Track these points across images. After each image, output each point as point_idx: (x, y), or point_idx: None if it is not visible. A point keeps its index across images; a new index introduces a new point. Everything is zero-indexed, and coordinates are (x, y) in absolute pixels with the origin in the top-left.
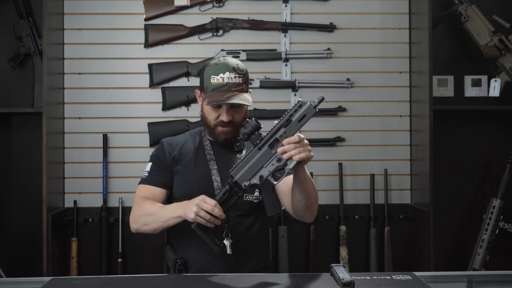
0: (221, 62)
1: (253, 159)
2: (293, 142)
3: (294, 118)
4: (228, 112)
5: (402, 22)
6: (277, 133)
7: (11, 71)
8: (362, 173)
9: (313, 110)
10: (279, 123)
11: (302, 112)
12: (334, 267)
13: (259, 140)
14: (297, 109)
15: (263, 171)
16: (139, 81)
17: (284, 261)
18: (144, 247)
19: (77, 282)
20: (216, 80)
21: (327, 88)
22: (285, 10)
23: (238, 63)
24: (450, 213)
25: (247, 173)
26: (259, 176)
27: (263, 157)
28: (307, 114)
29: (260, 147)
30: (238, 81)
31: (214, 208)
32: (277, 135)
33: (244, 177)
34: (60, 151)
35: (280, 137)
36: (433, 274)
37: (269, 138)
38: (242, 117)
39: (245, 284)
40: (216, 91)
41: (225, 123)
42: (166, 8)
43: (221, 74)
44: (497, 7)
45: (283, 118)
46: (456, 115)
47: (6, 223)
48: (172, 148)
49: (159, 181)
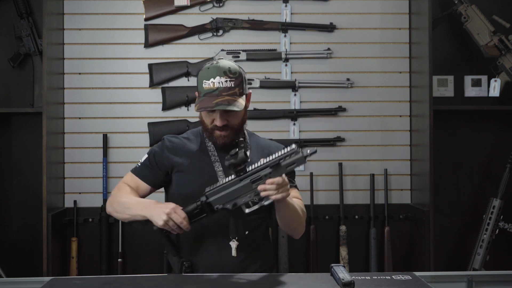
0: (213, 66)
1: (232, 187)
2: (276, 183)
3: (283, 163)
4: (221, 117)
5: (402, 22)
6: (263, 171)
7: (11, 71)
8: (362, 173)
9: (303, 161)
10: (268, 163)
11: (293, 160)
12: (334, 267)
13: (243, 172)
14: (290, 156)
15: (238, 200)
16: (139, 81)
17: (284, 261)
18: (144, 247)
19: (77, 282)
20: (207, 85)
21: (327, 88)
22: (285, 10)
23: (231, 66)
24: (450, 213)
25: (223, 198)
26: (233, 203)
27: (243, 189)
28: (296, 163)
29: (241, 179)
30: (230, 85)
31: (182, 221)
32: (262, 173)
33: (219, 201)
34: (60, 151)
35: (265, 176)
36: (433, 274)
37: (252, 173)
38: (238, 120)
39: (245, 284)
40: (207, 96)
41: (221, 128)
42: (166, 8)
43: (212, 78)
44: (497, 7)
45: (273, 160)
46: (456, 115)
47: (6, 223)
48: (173, 146)
49: (148, 177)
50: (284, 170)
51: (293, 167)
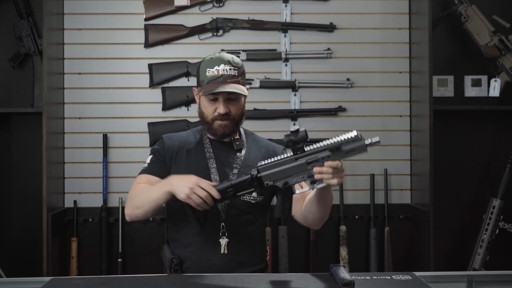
0: (216, 56)
1: (286, 165)
2: (333, 167)
3: (344, 148)
4: (224, 104)
5: (402, 22)
6: (321, 153)
7: (11, 71)
8: (362, 173)
9: (364, 150)
10: (328, 145)
11: (355, 147)
12: (334, 267)
13: (300, 151)
14: (352, 142)
15: (290, 179)
16: (139, 81)
17: (284, 261)
18: (144, 247)
19: (77, 282)
20: (211, 73)
21: (327, 88)
22: (285, 10)
23: (233, 57)
24: (450, 213)
25: (274, 174)
26: (284, 181)
27: (297, 168)
28: (357, 150)
29: (297, 158)
30: (234, 73)
31: (208, 196)
32: (320, 155)
33: (270, 177)
34: (60, 151)
35: (323, 158)
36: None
37: (310, 154)
38: (239, 110)
39: (245, 284)
40: (211, 83)
41: (222, 116)
42: (166, 8)
43: (216, 66)
44: (497, 7)
45: (333, 142)
46: (456, 115)
47: (6, 223)
48: (172, 142)
49: (158, 171)
50: (344, 155)
51: (353, 154)
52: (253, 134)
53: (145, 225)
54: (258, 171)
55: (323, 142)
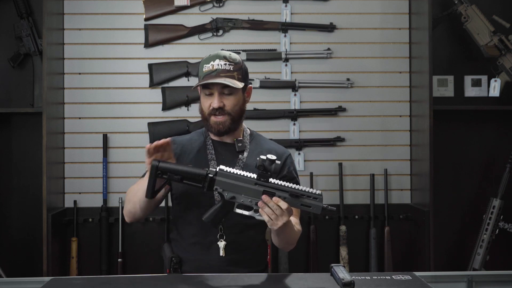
0: (214, 53)
1: (243, 183)
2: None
3: (303, 200)
4: (218, 98)
5: (402, 22)
6: (280, 192)
7: (11, 71)
8: (362, 173)
9: (318, 211)
10: (291, 188)
11: (312, 204)
12: (334, 267)
13: (264, 178)
14: (313, 198)
15: (239, 196)
16: (139, 81)
17: (284, 261)
18: (144, 247)
19: (77, 282)
20: (206, 68)
21: (327, 88)
22: (285, 10)
23: (232, 54)
24: (450, 213)
25: (228, 185)
26: (232, 196)
27: (251, 192)
28: (312, 207)
29: (257, 183)
30: (228, 68)
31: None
32: (278, 193)
33: (223, 185)
34: (60, 151)
35: (279, 197)
36: (433, 274)
37: (270, 186)
38: (235, 106)
39: (245, 284)
40: (206, 77)
41: (216, 111)
42: (166, 8)
43: (212, 62)
44: (497, 7)
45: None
46: (456, 115)
47: (6, 223)
48: (174, 146)
49: None
50: (298, 206)
51: (306, 209)
52: (259, 135)
53: (145, 225)
54: (216, 174)
55: (288, 184)
